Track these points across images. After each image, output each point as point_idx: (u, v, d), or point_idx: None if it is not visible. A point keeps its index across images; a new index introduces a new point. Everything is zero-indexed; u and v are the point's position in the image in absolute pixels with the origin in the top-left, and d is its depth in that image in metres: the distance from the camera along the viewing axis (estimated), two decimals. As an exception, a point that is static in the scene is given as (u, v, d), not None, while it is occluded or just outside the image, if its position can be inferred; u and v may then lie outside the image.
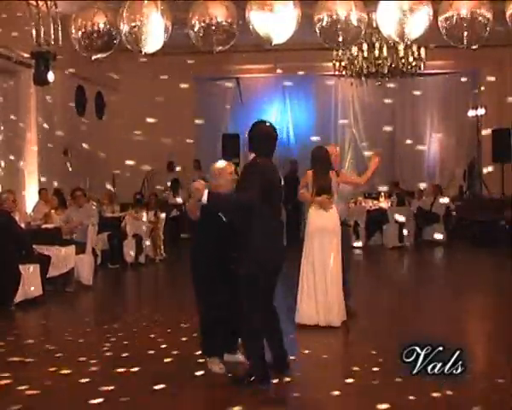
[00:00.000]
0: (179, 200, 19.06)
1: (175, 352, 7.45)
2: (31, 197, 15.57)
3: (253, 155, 6.29)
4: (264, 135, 6.42)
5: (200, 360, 6.87)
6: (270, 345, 6.55)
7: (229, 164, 6.71)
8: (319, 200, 8.49)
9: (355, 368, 6.75)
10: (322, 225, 8.46)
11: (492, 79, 20.78)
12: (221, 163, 6.70)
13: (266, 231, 6.16)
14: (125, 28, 10.15)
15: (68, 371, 6.75)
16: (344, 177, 8.91)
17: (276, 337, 6.61)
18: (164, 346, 7.71)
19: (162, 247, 16.05)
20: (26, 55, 13.98)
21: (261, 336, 6.32)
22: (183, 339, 7.95)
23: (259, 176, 6.07)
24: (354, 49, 15.61)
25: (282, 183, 6.58)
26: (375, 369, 6.67)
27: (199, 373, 6.63)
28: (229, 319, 6.63)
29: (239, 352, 6.92)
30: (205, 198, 5.97)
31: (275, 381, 6.27)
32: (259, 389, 6.12)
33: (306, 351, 7.42)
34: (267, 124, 6.59)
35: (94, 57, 10.71)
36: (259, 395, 6.02)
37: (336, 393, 6.05)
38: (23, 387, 6.28)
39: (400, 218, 17.97)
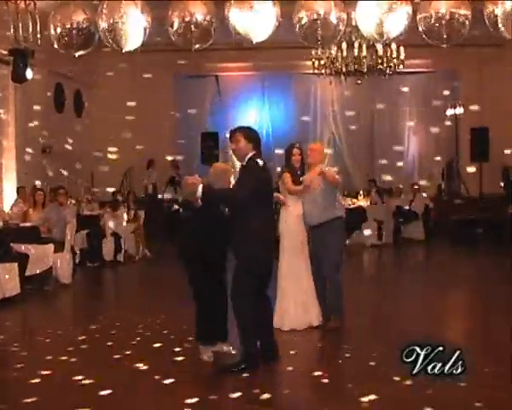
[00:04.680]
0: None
1: (153, 347, 7.48)
2: (9, 196, 15.47)
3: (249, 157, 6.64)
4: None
5: (179, 358, 6.91)
6: (262, 333, 6.78)
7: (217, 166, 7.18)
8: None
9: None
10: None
11: (471, 78, 20.89)
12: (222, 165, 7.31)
13: (263, 223, 6.53)
14: (104, 26, 10.12)
15: (47, 370, 6.72)
16: (283, 180, 8.52)
17: (268, 325, 6.94)
18: (141, 343, 7.71)
19: (142, 245, 16.04)
20: (4, 52, 13.89)
21: (256, 323, 6.60)
22: (161, 335, 7.96)
23: (256, 175, 6.53)
24: (333, 48, 15.64)
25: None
26: (353, 366, 6.72)
27: (179, 369, 6.65)
28: (222, 308, 6.88)
29: (227, 342, 7.10)
30: (199, 193, 6.30)
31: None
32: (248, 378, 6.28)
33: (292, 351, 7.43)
34: (252, 128, 7.07)
35: (77, 54, 10.66)
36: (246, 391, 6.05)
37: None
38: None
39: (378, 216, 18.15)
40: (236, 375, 6.39)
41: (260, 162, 6.62)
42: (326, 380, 6.31)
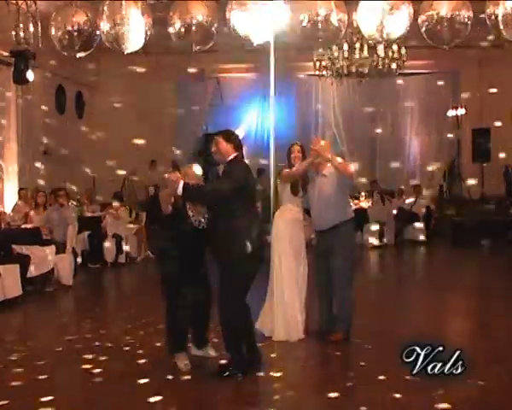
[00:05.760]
0: None
1: (152, 353, 7.44)
2: (10, 197, 15.47)
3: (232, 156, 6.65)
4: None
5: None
6: (246, 338, 6.70)
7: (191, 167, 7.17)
8: None
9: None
10: None
11: (472, 78, 20.88)
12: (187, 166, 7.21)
13: (248, 220, 6.51)
14: (105, 27, 10.11)
15: (47, 371, 6.72)
16: (282, 175, 8.12)
17: (251, 329, 6.83)
18: (141, 346, 7.70)
19: (144, 247, 16.05)
20: (5, 53, 13.90)
21: (242, 326, 6.55)
22: (160, 342, 7.91)
23: (240, 171, 6.56)
24: (335, 49, 15.62)
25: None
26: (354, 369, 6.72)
27: (178, 374, 6.62)
28: (196, 315, 6.87)
29: (209, 346, 7.14)
30: (180, 189, 6.34)
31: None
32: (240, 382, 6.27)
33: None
34: (233, 131, 7.06)
35: (79, 56, 10.65)
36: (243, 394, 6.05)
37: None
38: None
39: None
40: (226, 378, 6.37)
41: (245, 161, 6.76)
42: (327, 381, 6.34)
